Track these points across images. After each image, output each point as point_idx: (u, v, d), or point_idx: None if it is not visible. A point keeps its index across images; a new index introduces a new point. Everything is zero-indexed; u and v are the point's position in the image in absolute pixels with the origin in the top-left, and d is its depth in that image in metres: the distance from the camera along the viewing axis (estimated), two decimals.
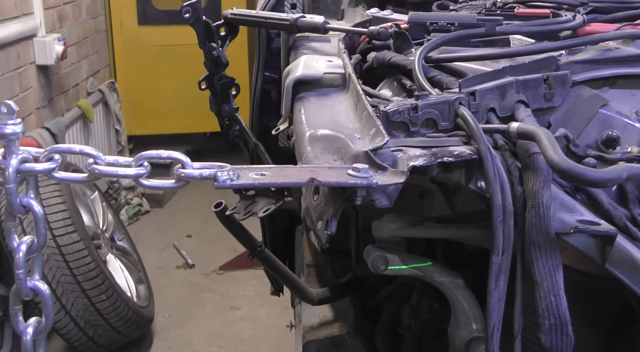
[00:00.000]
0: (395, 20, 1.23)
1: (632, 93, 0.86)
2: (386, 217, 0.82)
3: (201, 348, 2.92)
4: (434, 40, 0.99)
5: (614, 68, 0.88)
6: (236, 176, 0.66)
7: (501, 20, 1.11)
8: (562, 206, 0.69)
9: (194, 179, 0.67)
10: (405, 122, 0.76)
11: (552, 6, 1.23)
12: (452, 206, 0.90)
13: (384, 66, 1.03)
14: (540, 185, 0.67)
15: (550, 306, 0.65)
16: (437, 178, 0.72)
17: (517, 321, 0.70)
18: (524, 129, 0.71)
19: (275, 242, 1.88)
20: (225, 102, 1.32)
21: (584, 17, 1.09)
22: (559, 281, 0.66)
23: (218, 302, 3.25)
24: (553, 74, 0.82)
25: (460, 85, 0.80)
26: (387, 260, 0.80)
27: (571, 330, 0.65)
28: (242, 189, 0.68)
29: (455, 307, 0.83)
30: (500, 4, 1.32)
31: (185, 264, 3.57)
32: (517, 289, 0.70)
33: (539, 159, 0.68)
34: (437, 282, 0.83)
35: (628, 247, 0.67)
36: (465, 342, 0.83)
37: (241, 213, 0.71)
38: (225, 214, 1.03)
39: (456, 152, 0.69)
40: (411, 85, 0.91)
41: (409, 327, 1.07)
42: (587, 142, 0.80)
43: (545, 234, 0.66)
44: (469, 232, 0.82)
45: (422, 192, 0.94)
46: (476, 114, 0.77)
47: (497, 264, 0.67)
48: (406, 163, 0.67)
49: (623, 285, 0.68)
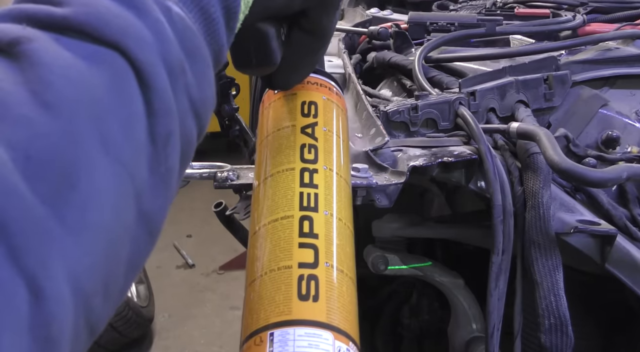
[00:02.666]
0: (395, 20, 1.23)
1: (632, 93, 0.86)
2: (386, 217, 0.82)
3: (201, 348, 2.92)
4: (434, 40, 0.99)
5: (614, 68, 0.88)
6: (236, 176, 0.66)
7: (501, 20, 1.11)
8: (562, 206, 0.69)
9: (194, 179, 0.67)
10: (405, 122, 0.76)
11: (552, 6, 1.23)
12: (452, 206, 0.90)
13: (384, 66, 1.03)
14: (540, 185, 0.67)
15: (550, 305, 0.65)
16: (437, 178, 0.72)
17: (517, 320, 0.70)
18: (524, 129, 0.71)
19: None
20: (225, 102, 1.32)
21: (584, 17, 1.09)
22: (559, 281, 0.66)
23: (218, 302, 3.25)
24: (553, 74, 0.82)
25: (460, 85, 0.80)
26: (387, 260, 0.80)
27: (571, 330, 0.65)
28: (242, 189, 0.68)
29: (455, 307, 0.83)
30: (500, 4, 1.32)
31: (185, 264, 3.57)
32: (517, 289, 0.70)
33: (539, 159, 0.68)
34: (437, 282, 0.82)
35: (628, 247, 0.67)
36: (465, 342, 0.83)
37: (241, 213, 0.71)
38: (225, 214, 1.03)
39: (456, 152, 0.69)
40: (411, 85, 0.91)
41: (409, 327, 1.07)
42: (587, 142, 0.80)
43: (545, 234, 0.66)
44: (469, 232, 0.82)
45: (422, 192, 0.94)
46: (476, 114, 0.77)
47: (497, 264, 0.67)
48: (406, 163, 0.67)
49: (623, 285, 0.68)
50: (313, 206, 0.48)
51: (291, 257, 0.45)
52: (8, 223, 0.24)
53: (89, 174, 0.27)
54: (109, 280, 0.29)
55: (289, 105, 0.56)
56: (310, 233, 0.46)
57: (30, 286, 0.24)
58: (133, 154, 0.30)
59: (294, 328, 0.41)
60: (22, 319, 0.24)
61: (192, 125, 0.35)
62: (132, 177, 0.30)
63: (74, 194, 0.27)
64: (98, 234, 0.28)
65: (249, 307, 0.45)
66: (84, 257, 0.27)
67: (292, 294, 0.43)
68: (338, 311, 0.43)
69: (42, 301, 0.25)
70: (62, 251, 0.26)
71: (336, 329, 0.41)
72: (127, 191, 0.30)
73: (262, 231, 0.49)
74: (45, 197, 0.26)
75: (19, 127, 0.26)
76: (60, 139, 0.27)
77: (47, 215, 0.25)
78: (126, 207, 0.30)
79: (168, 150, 0.32)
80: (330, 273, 0.45)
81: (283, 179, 0.50)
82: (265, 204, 0.50)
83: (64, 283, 0.26)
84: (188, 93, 0.34)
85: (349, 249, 0.48)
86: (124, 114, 0.30)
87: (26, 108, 0.26)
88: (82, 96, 0.28)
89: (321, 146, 0.53)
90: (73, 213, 0.26)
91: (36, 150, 0.26)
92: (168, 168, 0.33)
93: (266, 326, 0.42)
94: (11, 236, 0.24)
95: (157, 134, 0.31)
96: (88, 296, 0.28)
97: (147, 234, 0.32)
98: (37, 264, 0.25)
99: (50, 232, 0.26)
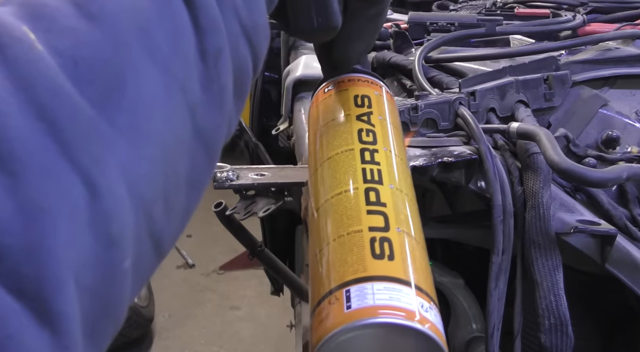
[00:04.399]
0: (395, 20, 1.23)
1: (632, 93, 0.86)
2: None
3: (201, 348, 2.92)
4: (434, 40, 0.99)
5: (614, 68, 0.88)
6: (235, 176, 0.66)
7: (501, 20, 1.11)
8: (562, 206, 0.69)
9: None
10: (405, 122, 0.76)
11: (552, 6, 1.23)
12: (452, 206, 0.90)
13: (384, 66, 1.03)
14: (540, 185, 0.67)
15: (550, 305, 0.65)
16: (437, 178, 0.72)
17: (517, 320, 0.70)
18: (524, 129, 0.71)
19: (275, 242, 1.88)
20: None
21: (584, 17, 1.09)
22: (559, 281, 0.66)
23: (218, 302, 3.25)
24: (553, 74, 0.82)
25: (460, 85, 0.80)
26: None
27: (571, 330, 0.65)
28: (242, 189, 0.68)
29: (455, 307, 0.83)
30: (500, 4, 1.32)
31: (185, 264, 3.57)
32: (517, 289, 0.70)
33: (539, 159, 0.68)
34: (437, 282, 0.82)
35: (628, 247, 0.67)
36: (465, 342, 0.83)
37: (241, 213, 0.71)
38: (225, 214, 1.03)
39: (456, 152, 0.69)
40: (411, 85, 0.91)
41: None
42: (587, 142, 0.80)
43: (545, 234, 0.66)
44: (469, 232, 0.82)
45: (422, 192, 0.94)
46: (476, 114, 0.77)
47: (497, 264, 0.67)
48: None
49: (623, 285, 0.68)
50: (377, 180, 0.45)
51: (360, 222, 0.42)
52: (58, 120, 0.24)
53: (136, 80, 0.27)
54: (169, 193, 0.29)
55: (341, 99, 0.55)
56: (377, 202, 0.43)
57: (85, 181, 0.24)
58: (182, 66, 0.30)
59: (371, 283, 0.38)
60: (81, 214, 0.24)
61: (245, 51, 0.35)
62: (184, 90, 0.30)
63: (123, 98, 0.27)
64: (151, 140, 0.28)
65: (316, 277, 0.41)
66: (138, 161, 0.27)
67: (366, 253, 0.40)
68: (415, 270, 0.40)
69: (99, 197, 0.24)
70: (115, 152, 0.26)
71: (417, 287, 0.38)
72: (179, 103, 0.30)
73: (325, 206, 0.45)
74: (94, 99, 0.26)
75: (65, 36, 0.26)
76: (106, 47, 0.27)
77: (97, 116, 0.26)
78: (179, 119, 0.30)
79: (219, 68, 0.32)
80: (402, 237, 0.42)
81: (343, 159, 0.48)
82: (325, 183, 0.47)
83: (121, 184, 0.26)
84: (238, 16, 0.34)
85: (417, 221, 0.46)
86: (169, 26, 0.30)
87: (72, 19, 0.27)
88: (127, 8, 0.28)
89: (379, 131, 0.51)
90: (124, 116, 0.26)
91: (83, 56, 0.26)
92: (221, 86, 0.33)
93: (340, 284, 0.38)
94: (62, 132, 0.24)
95: (206, 51, 0.31)
96: (147, 203, 0.27)
97: (205, 151, 0.32)
98: (91, 161, 0.25)
99: (102, 133, 0.26)
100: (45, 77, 0.24)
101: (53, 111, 0.24)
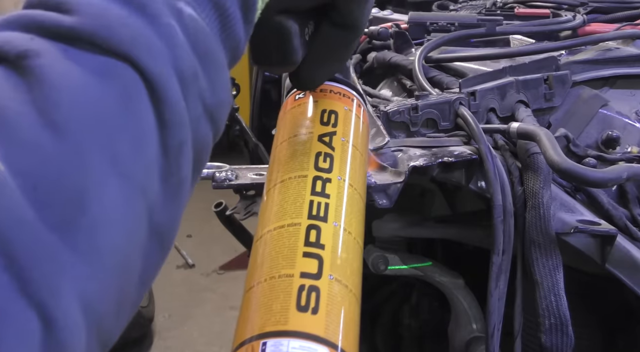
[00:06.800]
0: (395, 20, 1.23)
1: (632, 93, 0.86)
2: (386, 217, 0.82)
3: (201, 348, 2.92)
4: (434, 40, 0.99)
5: (614, 68, 0.88)
6: (234, 176, 0.66)
7: (501, 20, 1.11)
8: (562, 206, 0.69)
9: None
10: (405, 122, 0.76)
11: (552, 6, 1.23)
12: (452, 206, 0.90)
13: (384, 66, 1.03)
14: (540, 185, 0.67)
15: (550, 305, 0.65)
16: (437, 178, 0.72)
17: (517, 320, 0.70)
18: (524, 129, 0.71)
19: None
20: None
21: (584, 17, 1.09)
22: (559, 281, 0.66)
23: (218, 302, 3.25)
24: (553, 74, 0.82)
25: (460, 85, 0.80)
26: (387, 260, 0.80)
27: (571, 330, 0.65)
28: (242, 188, 0.68)
29: (455, 307, 0.83)
30: (500, 4, 1.32)
31: (185, 264, 3.57)
32: (517, 289, 0.70)
33: (539, 159, 0.68)
34: (437, 282, 0.82)
35: (628, 247, 0.67)
36: (465, 342, 0.82)
37: (241, 213, 0.71)
38: (225, 214, 1.03)
39: (456, 152, 0.69)
40: (411, 85, 0.91)
41: (409, 327, 1.07)
42: (587, 142, 0.80)
43: (545, 234, 0.66)
44: (469, 232, 0.82)
45: (422, 192, 0.94)
46: (476, 114, 0.77)
47: (497, 264, 0.67)
48: (406, 163, 0.67)
49: (623, 285, 0.68)
50: (322, 216, 0.45)
51: (294, 265, 0.42)
52: (17, 254, 0.24)
53: (99, 197, 0.27)
54: (122, 298, 0.29)
55: (308, 113, 0.54)
56: (316, 243, 0.43)
57: (42, 316, 0.24)
58: (144, 170, 0.29)
59: (288, 339, 0.38)
60: (35, 349, 0.24)
61: (206, 130, 0.34)
62: (144, 193, 0.29)
63: (83, 219, 0.26)
64: (110, 256, 0.27)
65: (244, 315, 0.42)
66: (96, 281, 0.27)
67: (291, 303, 0.40)
68: (338, 327, 0.40)
69: (54, 330, 0.25)
70: (73, 277, 0.26)
71: (333, 346, 0.38)
72: (139, 208, 0.29)
73: (266, 237, 0.46)
74: (54, 224, 0.25)
75: (26, 152, 0.26)
76: (69, 164, 0.26)
77: (56, 242, 0.25)
78: (138, 224, 0.29)
79: (180, 161, 0.32)
80: (333, 287, 0.42)
81: (294, 186, 0.48)
82: (272, 210, 0.48)
83: (76, 310, 0.26)
84: (202, 98, 0.33)
85: (356, 265, 0.46)
86: (134, 130, 0.29)
87: (34, 130, 0.26)
88: (91, 115, 0.28)
89: (337, 156, 0.50)
90: (83, 238, 0.26)
91: (43, 177, 0.25)
92: (180, 178, 0.32)
93: (260, 334, 0.39)
94: (21, 267, 0.24)
95: (169, 146, 0.31)
96: (101, 317, 0.27)
97: (159, 246, 0.32)
98: (48, 294, 0.25)
99: (60, 260, 0.25)
100: (5, 208, 0.24)
101: (12, 243, 0.24)
